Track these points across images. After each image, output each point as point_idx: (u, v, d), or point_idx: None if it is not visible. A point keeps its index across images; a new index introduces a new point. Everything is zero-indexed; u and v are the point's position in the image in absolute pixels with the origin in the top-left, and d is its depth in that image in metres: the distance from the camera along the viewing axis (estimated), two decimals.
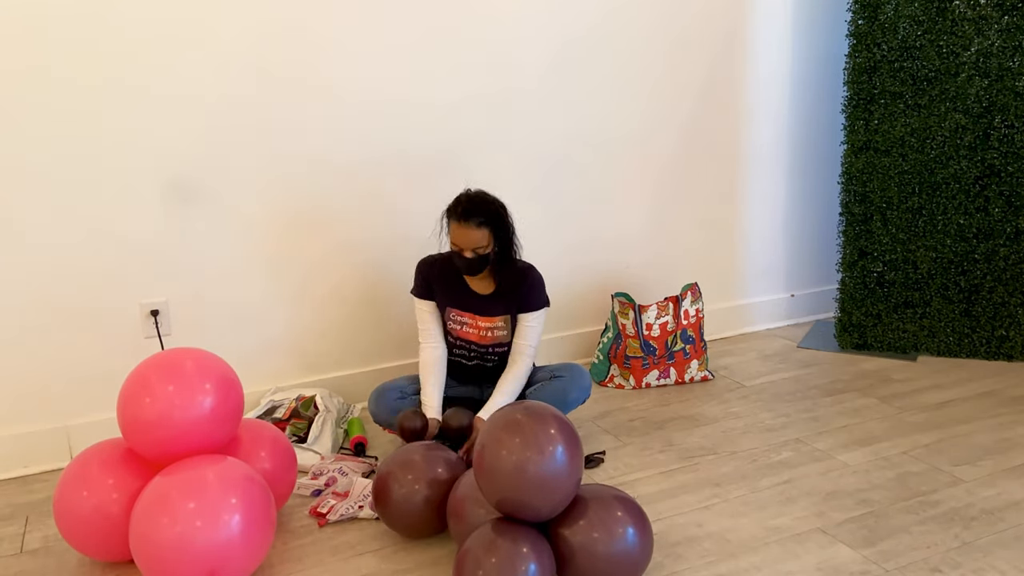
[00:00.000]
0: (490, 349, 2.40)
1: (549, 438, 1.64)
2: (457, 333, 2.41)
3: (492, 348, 2.40)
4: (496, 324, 2.38)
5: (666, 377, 2.90)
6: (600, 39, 2.94)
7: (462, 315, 2.39)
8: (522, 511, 1.65)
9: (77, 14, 2.24)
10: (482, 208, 2.24)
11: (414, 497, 1.88)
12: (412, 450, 1.95)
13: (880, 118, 2.96)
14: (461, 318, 2.39)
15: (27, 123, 2.24)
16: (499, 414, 1.71)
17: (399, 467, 1.91)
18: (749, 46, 3.21)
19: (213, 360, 1.85)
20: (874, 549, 1.86)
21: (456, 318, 2.40)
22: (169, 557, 1.61)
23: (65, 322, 2.37)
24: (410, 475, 1.89)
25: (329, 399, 2.56)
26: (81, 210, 2.34)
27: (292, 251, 2.63)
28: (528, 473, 1.61)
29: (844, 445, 2.38)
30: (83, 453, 1.86)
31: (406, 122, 2.69)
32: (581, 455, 1.70)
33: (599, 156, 3.04)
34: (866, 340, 3.15)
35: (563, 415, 1.72)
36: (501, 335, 2.39)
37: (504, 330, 2.39)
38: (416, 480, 1.89)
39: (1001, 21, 2.79)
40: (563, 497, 1.66)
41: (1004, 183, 2.89)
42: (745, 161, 3.32)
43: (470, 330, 2.39)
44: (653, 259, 3.23)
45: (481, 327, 2.38)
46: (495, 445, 1.65)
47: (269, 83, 2.49)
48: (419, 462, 1.91)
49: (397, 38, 2.63)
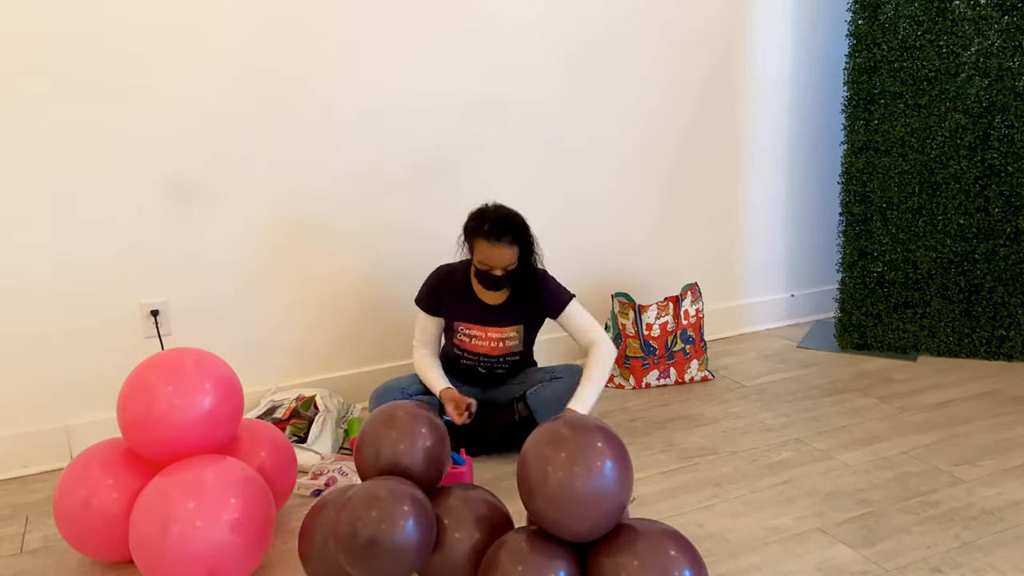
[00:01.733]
0: (501, 359, 2.40)
1: (597, 452, 1.52)
2: (466, 346, 2.40)
3: (504, 358, 2.40)
4: (508, 335, 2.37)
5: (666, 377, 2.90)
6: (604, 45, 2.94)
7: (471, 328, 2.38)
8: (562, 530, 1.55)
9: (77, 14, 2.24)
10: (511, 226, 2.22)
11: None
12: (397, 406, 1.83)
13: (880, 118, 2.96)
14: (471, 331, 2.38)
15: (28, 124, 2.24)
16: (542, 428, 1.60)
17: (383, 426, 1.77)
18: (749, 47, 3.21)
19: (213, 360, 1.85)
20: (874, 549, 1.86)
21: (465, 331, 2.39)
22: (168, 557, 1.60)
23: (65, 322, 2.37)
24: (393, 432, 1.74)
25: (329, 399, 2.56)
26: (81, 210, 2.34)
27: (292, 251, 2.63)
28: (574, 490, 1.50)
29: (844, 445, 2.38)
30: (83, 453, 1.85)
31: (408, 125, 2.69)
32: (631, 471, 1.59)
33: (599, 157, 3.04)
34: (866, 340, 3.15)
35: (611, 429, 1.62)
36: (512, 345, 2.39)
37: (516, 340, 2.38)
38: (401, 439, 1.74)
39: (1001, 21, 2.79)
40: (607, 516, 1.54)
41: (1004, 183, 2.89)
42: (745, 161, 3.32)
43: (480, 343, 2.38)
44: (653, 259, 3.23)
45: (492, 338, 2.37)
46: (540, 460, 1.54)
47: (269, 84, 2.49)
48: (403, 418, 1.78)
49: (400, 42, 2.63)
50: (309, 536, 1.69)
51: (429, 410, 1.80)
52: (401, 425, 1.73)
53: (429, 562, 1.68)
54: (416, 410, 1.78)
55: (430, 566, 1.70)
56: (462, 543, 1.66)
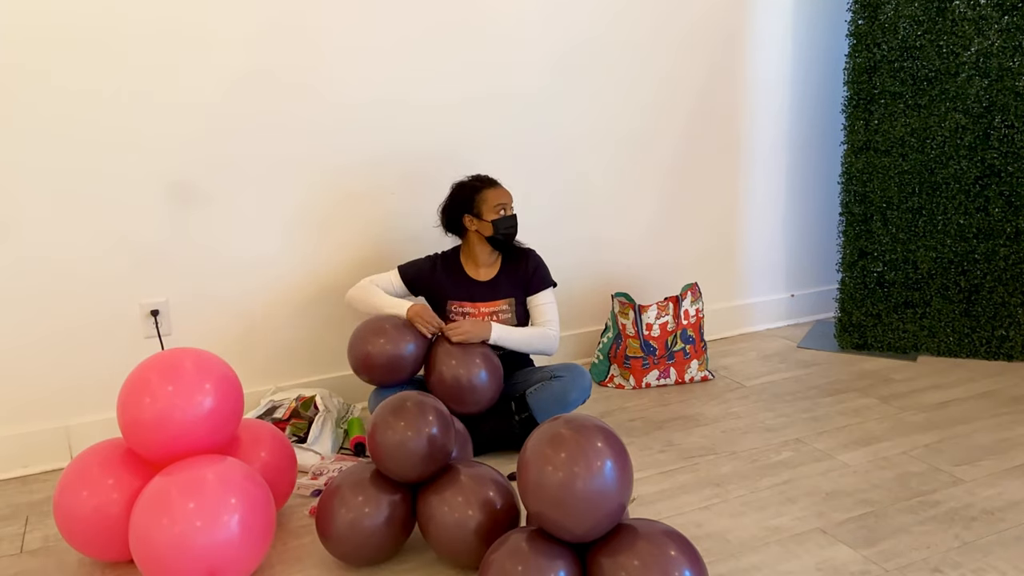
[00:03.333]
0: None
1: (597, 452, 1.53)
2: None
3: None
4: (500, 307, 2.43)
5: (666, 377, 2.90)
6: (603, 42, 2.94)
7: (463, 306, 2.43)
8: (562, 530, 1.55)
9: (77, 16, 2.24)
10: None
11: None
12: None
13: (880, 118, 2.96)
14: (462, 309, 2.43)
15: (28, 125, 2.24)
16: (543, 428, 1.60)
17: (391, 414, 1.82)
18: (749, 46, 3.21)
19: (213, 360, 1.85)
20: (874, 549, 1.86)
21: (458, 309, 2.44)
22: (168, 557, 1.60)
23: (65, 322, 2.37)
24: (402, 422, 1.80)
25: (329, 399, 2.56)
26: (82, 210, 2.34)
27: (292, 251, 2.63)
28: (574, 490, 1.50)
29: (844, 445, 2.38)
30: (83, 453, 1.85)
31: (407, 122, 2.69)
32: (630, 471, 1.60)
33: (600, 157, 3.04)
34: (866, 340, 3.15)
35: (611, 429, 1.63)
36: (506, 318, 2.44)
37: (509, 313, 2.44)
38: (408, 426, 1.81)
39: (1001, 21, 2.78)
40: (607, 516, 1.54)
41: (1004, 183, 2.89)
42: (745, 161, 3.32)
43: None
44: (653, 259, 3.23)
45: (484, 313, 2.42)
46: (540, 460, 1.54)
47: (269, 85, 2.49)
48: (411, 408, 1.84)
49: (398, 40, 2.63)
50: (327, 516, 1.80)
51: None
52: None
53: (438, 537, 1.77)
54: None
55: (440, 540, 1.77)
56: (473, 520, 1.74)
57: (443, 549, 1.79)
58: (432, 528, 1.78)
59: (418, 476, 1.80)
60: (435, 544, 1.80)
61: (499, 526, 1.76)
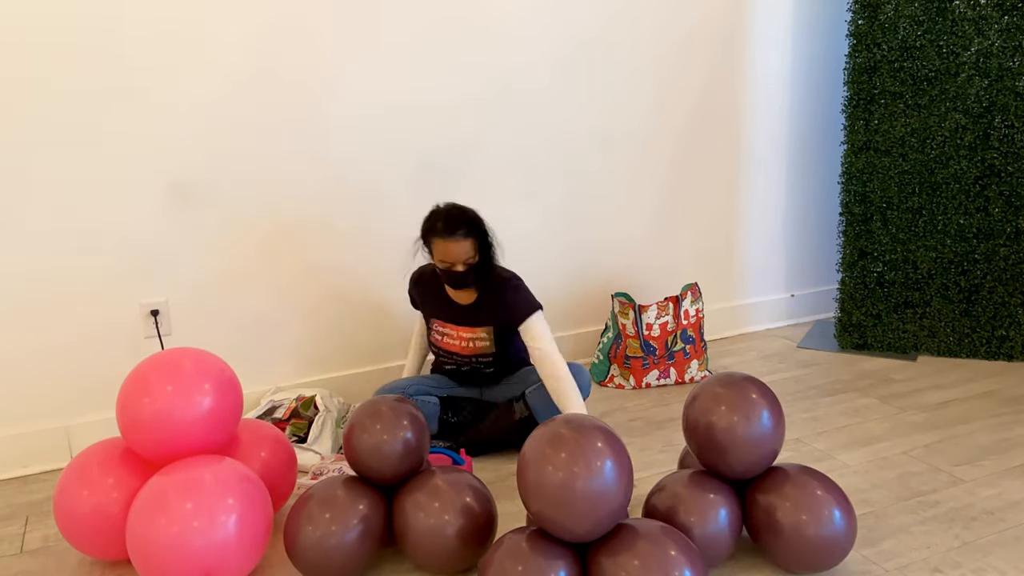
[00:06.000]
0: (473, 359, 2.40)
1: (597, 452, 1.52)
2: (440, 344, 2.42)
3: (476, 358, 2.40)
4: (478, 335, 2.37)
5: (666, 377, 2.90)
6: (603, 42, 2.94)
7: (444, 326, 2.40)
8: (562, 530, 1.55)
9: (77, 18, 2.24)
10: (462, 219, 2.21)
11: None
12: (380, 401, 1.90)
13: (880, 118, 2.96)
14: (444, 329, 2.40)
15: (28, 125, 2.24)
16: (543, 428, 1.60)
17: (368, 418, 1.84)
18: (749, 47, 3.21)
19: (212, 360, 1.85)
20: (874, 549, 1.86)
21: (439, 329, 2.42)
22: (166, 557, 1.60)
23: (65, 322, 2.37)
24: (378, 424, 1.81)
25: (329, 399, 2.56)
26: (81, 210, 2.34)
27: (292, 251, 2.63)
28: (575, 490, 1.50)
29: (844, 445, 2.38)
30: (83, 453, 1.85)
31: (406, 123, 2.69)
32: (630, 471, 1.59)
33: (600, 156, 3.04)
34: (866, 340, 3.15)
35: (611, 429, 1.62)
36: (484, 346, 2.38)
37: (487, 341, 2.38)
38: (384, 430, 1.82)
39: (1001, 21, 2.78)
40: (607, 516, 1.54)
41: (1004, 183, 2.89)
42: (745, 161, 3.32)
43: (452, 341, 2.39)
44: (653, 259, 3.23)
45: (463, 338, 2.38)
46: (540, 460, 1.54)
47: (269, 85, 2.49)
48: (386, 412, 1.85)
49: (397, 40, 2.63)
50: (294, 529, 1.74)
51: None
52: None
53: (418, 544, 1.74)
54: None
55: (419, 548, 1.74)
56: (451, 525, 1.72)
57: (420, 557, 1.76)
58: (409, 536, 1.75)
59: (393, 474, 1.80)
60: (412, 552, 1.76)
61: (480, 532, 1.74)
